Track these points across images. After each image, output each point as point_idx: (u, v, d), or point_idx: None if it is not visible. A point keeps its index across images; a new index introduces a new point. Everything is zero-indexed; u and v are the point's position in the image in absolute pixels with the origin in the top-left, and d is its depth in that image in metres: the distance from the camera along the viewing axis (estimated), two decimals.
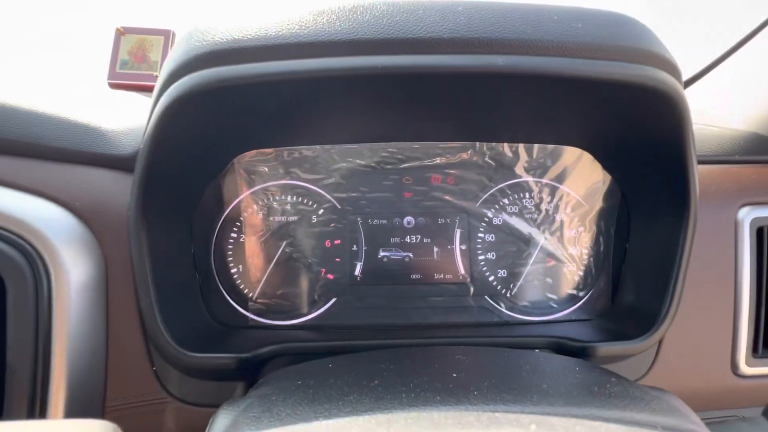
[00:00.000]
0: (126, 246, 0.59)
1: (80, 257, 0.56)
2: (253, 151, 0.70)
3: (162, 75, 0.50)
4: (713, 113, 0.86)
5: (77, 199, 0.60)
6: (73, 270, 0.54)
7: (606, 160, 0.70)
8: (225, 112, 0.54)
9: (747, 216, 0.69)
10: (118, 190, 0.62)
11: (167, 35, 0.99)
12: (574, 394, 0.32)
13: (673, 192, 0.58)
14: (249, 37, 0.46)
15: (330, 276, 0.71)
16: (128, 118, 0.68)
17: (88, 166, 0.62)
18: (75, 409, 0.52)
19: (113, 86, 0.98)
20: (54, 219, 0.57)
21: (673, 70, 0.48)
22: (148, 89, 0.98)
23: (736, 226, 0.69)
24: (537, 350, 0.62)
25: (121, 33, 0.98)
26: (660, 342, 0.67)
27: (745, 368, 0.69)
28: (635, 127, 0.57)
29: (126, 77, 0.97)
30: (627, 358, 0.65)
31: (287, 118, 0.60)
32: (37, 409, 0.50)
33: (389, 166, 0.71)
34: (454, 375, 0.37)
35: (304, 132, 0.66)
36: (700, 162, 0.73)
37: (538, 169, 0.72)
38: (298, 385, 0.38)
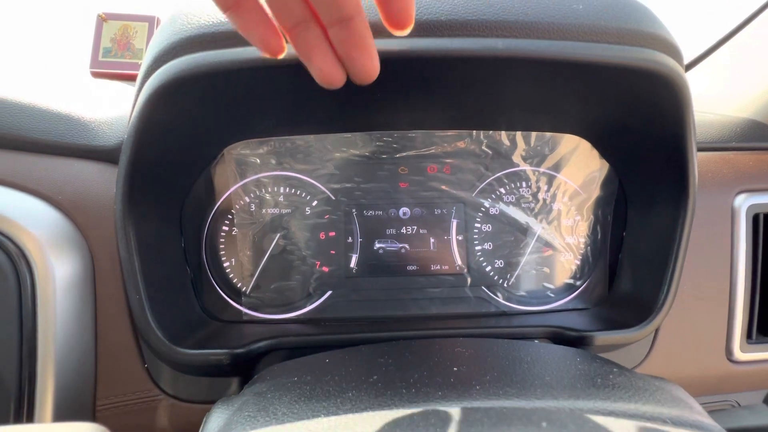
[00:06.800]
0: (113, 240, 0.57)
1: (65, 253, 0.54)
2: (244, 141, 0.67)
3: (146, 60, 0.47)
4: (710, 99, 0.86)
5: (60, 193, 0.57)
6: (57, 267, 0.52)
7: (604, 148, 0.70)
8: (213, 100, 0.52)
9: (744, 203, 0.69)
10: (103, 182, 0.59)
11: (152, 21, 0.96)
12: (578, 387, 0.32)
13: (672, 179, 0.58)
14: None
15: (325, 268, 0.69)
16: (112, 107, 0.65)
17: (71, 157, 0.59)
18: (64, 411, 0.51)
19: (96, 75, 0.95)
20: (36, 214, 0.55)
21: (675, 53, 0.47)
22: (132, 78, 0.95)
23: (732, 213, 0.69)
24: (536, 341, 0.61)
25: (103, 19, 0.94)
26: (657, 330, 0.68)
27: (739, 354, 0.69)
28: (635, 113, 0.56)
29: (109, 66, 0.94)
30: (624, 346, 0.65)
31: (278, 106, 0.58)
32: (24, 412, 0.48)
33: (384, 156, 0.70)
34: (455, 369, 0.36)
35: (296, 121, 0.64)
36: (697, 149, 0.72)
37: (535, 157, 0.71)
38: (294, 382, 0.37)
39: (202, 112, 0.54)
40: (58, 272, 0.52)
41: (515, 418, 0.23)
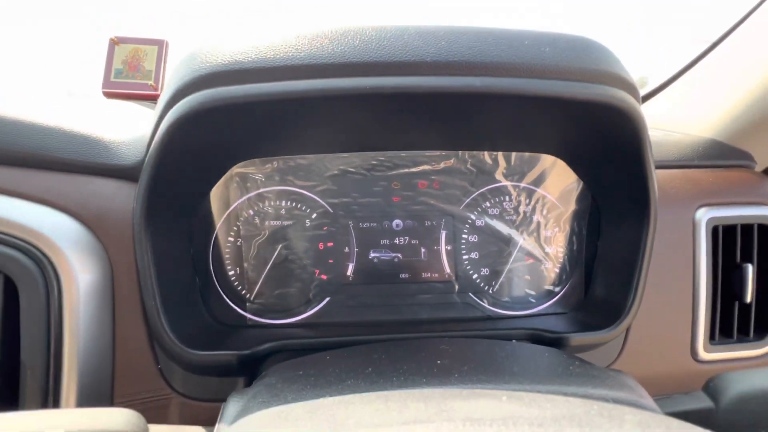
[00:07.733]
0: (131, 251, 0.62)
1: (88, 263, 0.60)
2: (250, 160, 0.73)
3: (167, 92, 0.53)
4: (676, 120, 0.93)
5: (83, 208, 0.63)
6: (81, 275, 0.58)
7: (576, 167, 0.76)
8: (226, 127, 0.58)
9: (704, 216, 0.76)
10: (122, 198, 0.65)
11: (161, 45, 1.02)
12: (541, 375, 0.38)
13: (636, 195, 0.64)
14: (250, 59, 0.50)
15: (324, 276, 0.75)
16: (127, 128, 0.71)
17: (93, 175, 0.65)
18: (85, 405, 0.55)
19: (108, 95, 1.00)
20: (62, 227, 0.60)
21: (630, 89, 0.54)
22: (142, 98, 1.01)
23: (694, 226, 0.76)
24: (514, 341, 0.67)
25: (115, 43, 1.00)
26: (627, 332, 0.74)
27: (703, 354, 0.75)
28: (600, 138, 0.63)
29: (120, 86, 0.99)
30: (598, 346, 0.71)
31: (284, 131, 0.64)
32: (50, 404, 0.53)
33: (379, 173, 0.76)
34: (439, 362, 0.42)
35: (299, 143, 0.70)
36: (661, 167, 0.80)
37: (516, 174, 0.77)
38: (300, 375, 0.43)
39: (215, 137, 0.60)
40: (81, 280, 0.58)
41: (482, 395, 0.29)
